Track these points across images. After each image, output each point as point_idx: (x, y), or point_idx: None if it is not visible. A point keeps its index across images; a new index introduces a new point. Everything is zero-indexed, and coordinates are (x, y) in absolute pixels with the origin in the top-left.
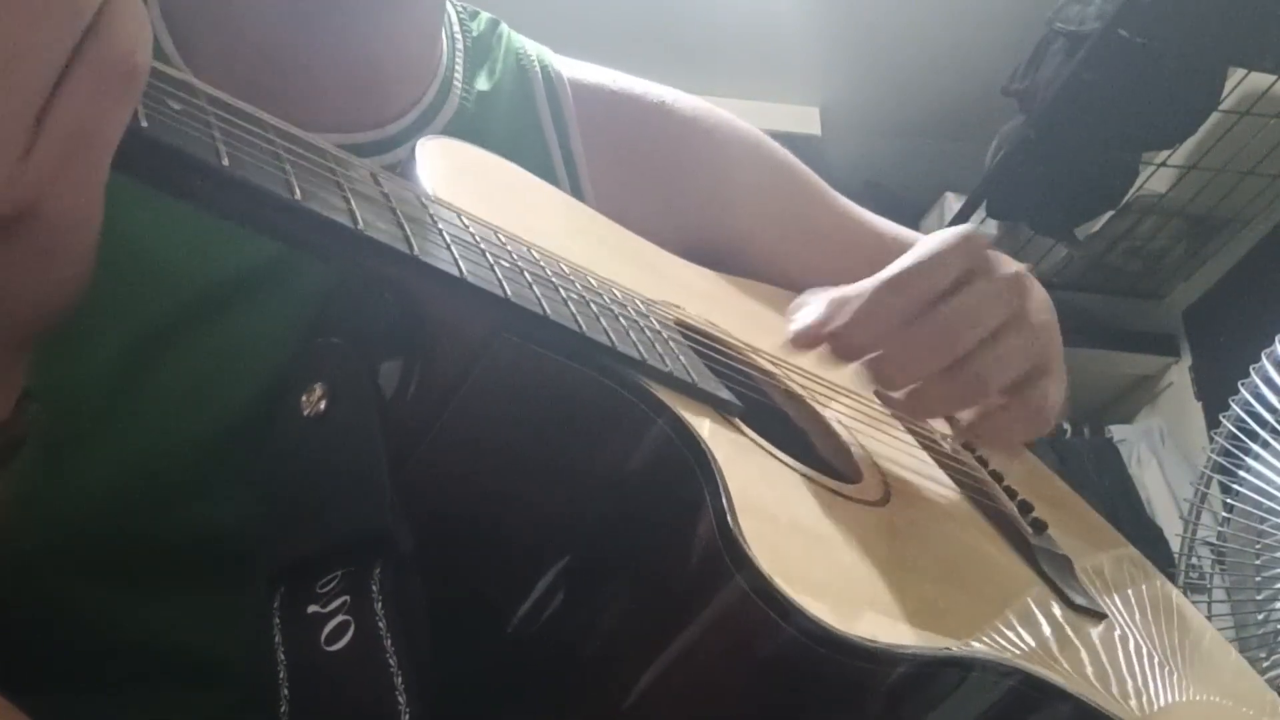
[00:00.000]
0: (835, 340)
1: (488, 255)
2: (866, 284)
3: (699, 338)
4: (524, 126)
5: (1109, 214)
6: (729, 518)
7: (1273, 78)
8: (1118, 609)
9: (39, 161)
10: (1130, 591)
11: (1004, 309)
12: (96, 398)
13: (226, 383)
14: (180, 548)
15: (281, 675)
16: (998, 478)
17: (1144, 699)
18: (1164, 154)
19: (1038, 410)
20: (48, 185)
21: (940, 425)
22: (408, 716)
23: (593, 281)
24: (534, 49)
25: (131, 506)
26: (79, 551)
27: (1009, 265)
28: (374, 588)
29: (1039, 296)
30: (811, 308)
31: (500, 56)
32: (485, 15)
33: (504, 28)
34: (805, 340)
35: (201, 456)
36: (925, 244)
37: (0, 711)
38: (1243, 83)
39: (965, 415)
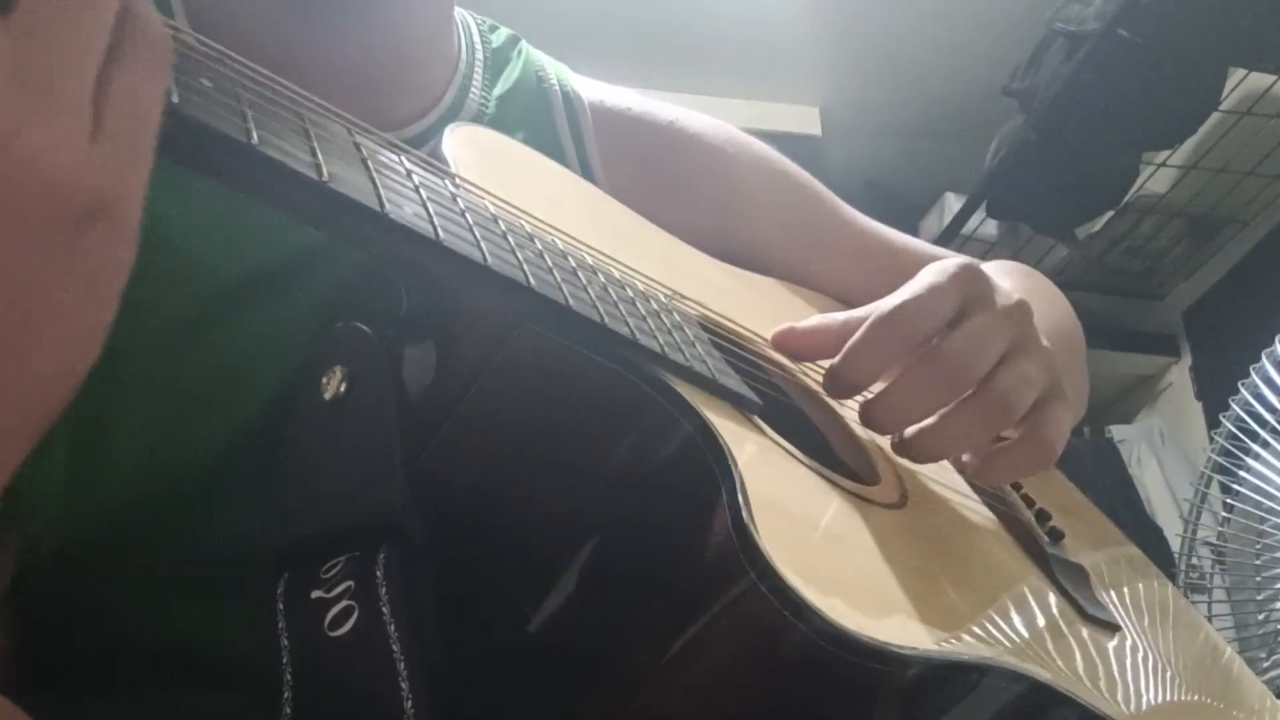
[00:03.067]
0: (829, 380)
1: (511, 242)
2: (861, 314)
3: (721, 333)
4: (542, 139)
5: (1109, 214)
6: (744, 513)
7: (1273, 78)
8: (1131, 620)
9: (113, 142)
10: (1144, 604)
11: (1004, 339)
12: (124, 393)
13: (253, 377)
14: (206, 546)
15: (285, 660)
16: (1015, 485)
17: (1149, 707)
18: (1164, 154)
19: (1047, 439)
20: (122, 170)
21: None
22: (410, 702)
23: (615, 273)
24: (553, 67)
25: (157, 504)
26: (103, 550)
27: (1007, 296)
28: (379, 573)
29: (1056, 317)
30: (808, 320)
31: (519, 70)
32: (505, 30)
33: (524, 44)
34: (781, 338)
35: (229, 452)
36: (921, 277)
37: (2, 713)
38: (1243, 83)
39: (970, 458)
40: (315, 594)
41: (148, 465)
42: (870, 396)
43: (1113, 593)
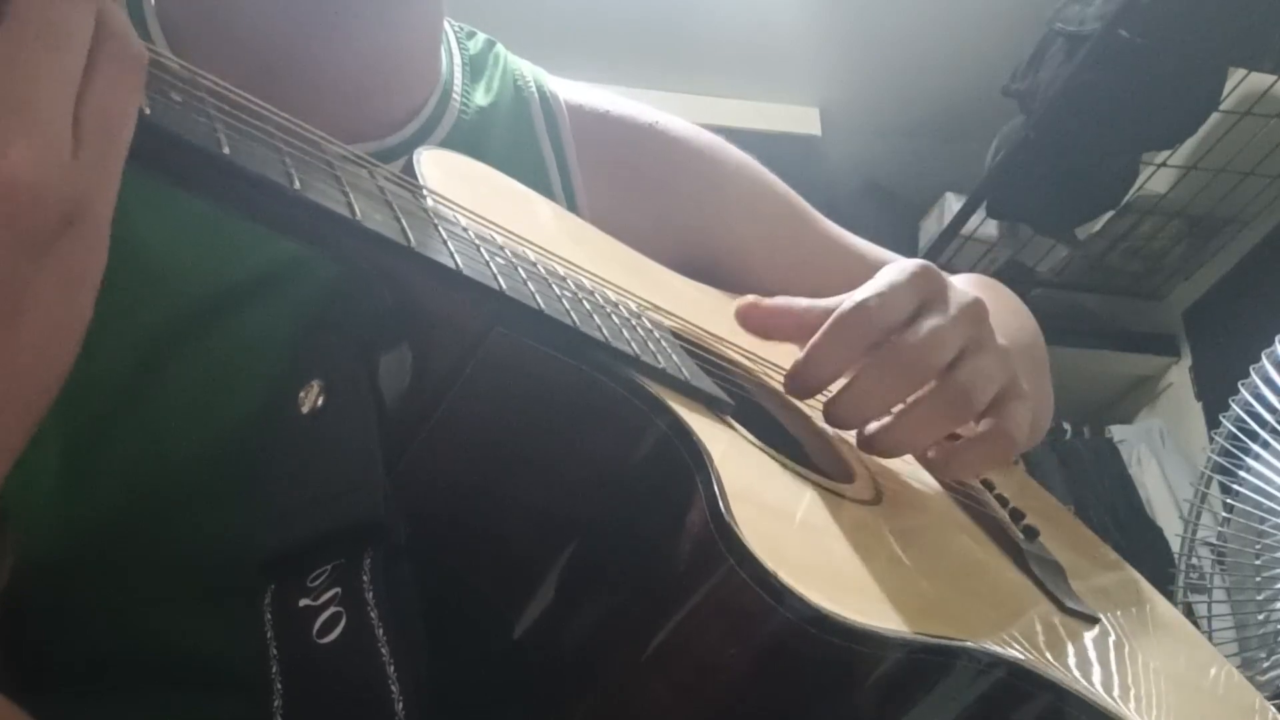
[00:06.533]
0: (791, 379)
1: (483, 251)
2: (824, 304)
3: (690, 340)
4: (521, 144)
5: (1109, 214)
6: (721, 505)
7: (1273, 78)
8: (1108, 615)
9: (86, 155)
10: (1120, 599)
11: (961, 336)
12: (108, 404)
13: (235, 387)
14: (191, 553)
15: (274, 670)
16: (989, 485)
17: (1134, 699)
18: (1164, 154)
19: (1008, 434)
20: (94, 180)
21: None
22: (401, 705)
23: (586, 282)
24: (530, 70)
25: (144, 511)
26: (95, 556)
27: (963, 294)
28: (365, 579)
29: (1016, 327)
30: (768, 303)
31: (498, 75)
32: (482, 35)
33: (500, 48)
34: (743, 312)
35: (212, 460)
36: (880, 276)
37: (4, 713)
38: (1243, 83)
39: (933, 452)
40: (302, 602)
41: (135, 472)
42: (831, 394)
43: (1089, 589)
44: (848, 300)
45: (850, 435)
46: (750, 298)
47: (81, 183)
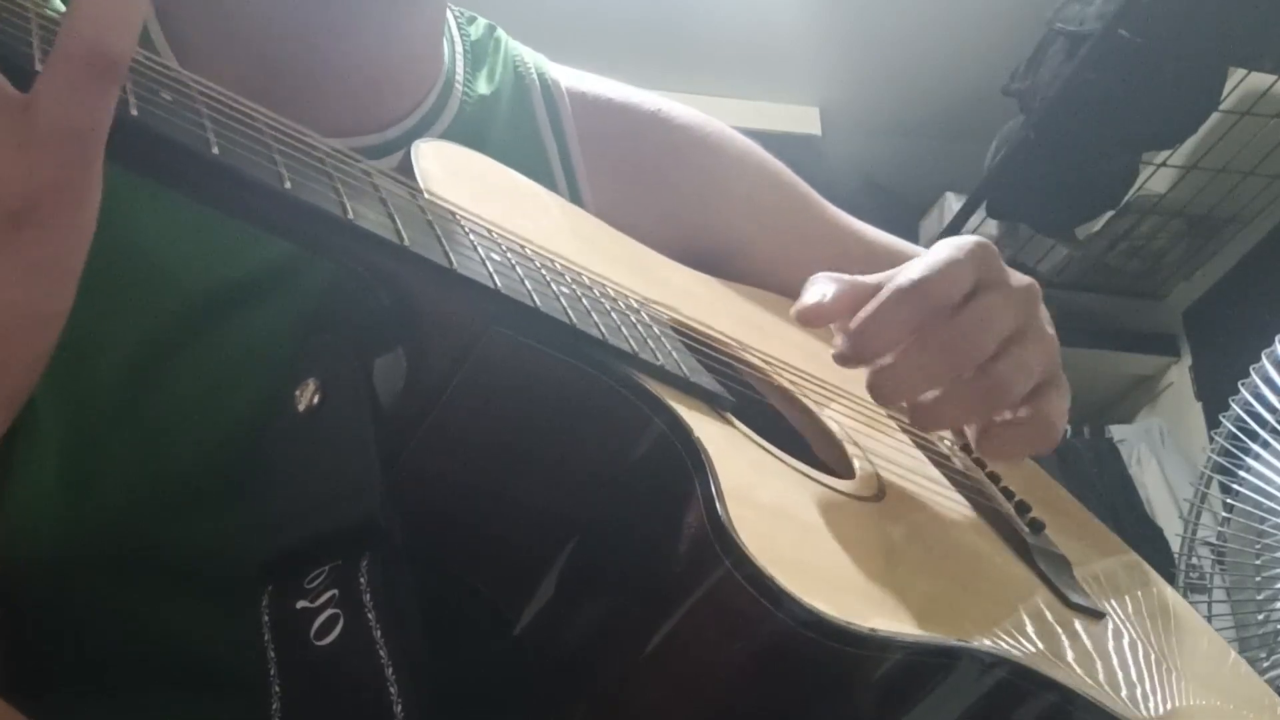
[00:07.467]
0: (843, 347)
1: (479, 249)
2: (880, 290)
3: (693, 336)
4: (523, 133)
5: (1109, 214)
6: (717, 505)
7: (1273, 78)
8: (1116, 609)
9: (41, 153)
10: (1129, 593)
11: (1015, 319)
12: (108, 403)
13: (235, 386)
14: (191, 553)
15: (272, 672)
16: (995, 479)
17: (1142, 696)
18: (1164, 154)
19: (1048, 422)
20: (53, 178)
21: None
22: (400, 707)
23: (585, 279)
24: (531, 57)
25: (144, 511)
26: (93, 557)
27: (1019, 277)
28: (362, 580)
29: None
30: (819, 287)
31: (499, 63)
32: (482, 20)
33: (500, 33)
34: (809, 318)
35: (212, 461)
36: (937, 253)
37: (1, 714)
38: (1243, 83)
39: (973, 429)
40: (300, 604)
41: (136, 472)
42: (880, 365)
43: (1096, 583)
44: (904, 275)
45: (853, 432)
46: (798, 305)
47: (34, 179)
